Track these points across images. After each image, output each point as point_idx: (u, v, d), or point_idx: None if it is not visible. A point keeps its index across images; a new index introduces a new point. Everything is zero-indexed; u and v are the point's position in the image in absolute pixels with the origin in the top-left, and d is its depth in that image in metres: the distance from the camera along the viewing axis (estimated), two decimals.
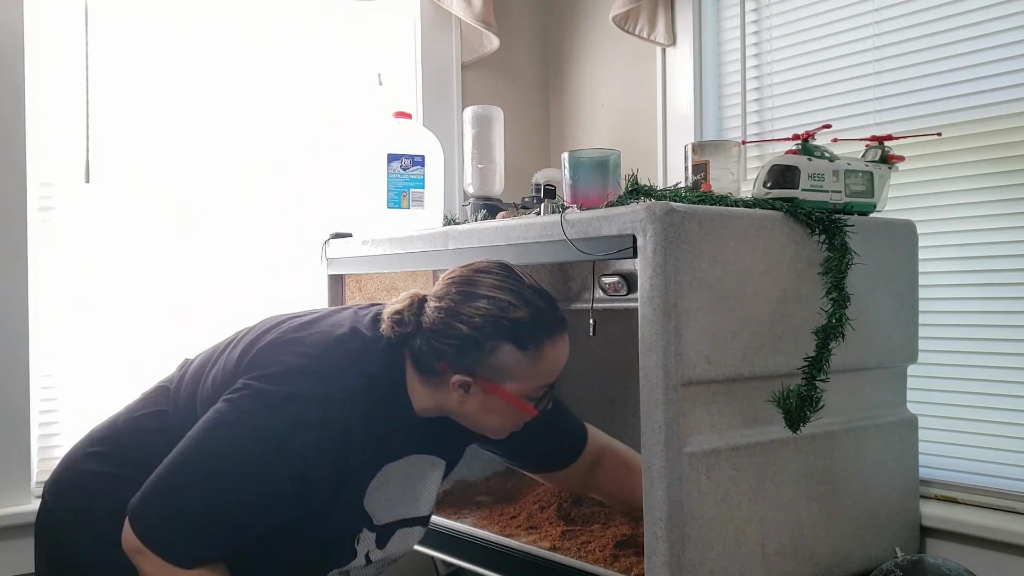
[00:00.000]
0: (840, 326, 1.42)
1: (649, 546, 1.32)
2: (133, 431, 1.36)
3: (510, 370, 1.31)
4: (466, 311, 1.30)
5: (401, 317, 1.33)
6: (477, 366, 1.31)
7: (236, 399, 1.26)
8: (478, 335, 1.29)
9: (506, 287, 1.32)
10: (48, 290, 1.96)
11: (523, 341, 1.31)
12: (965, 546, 1.67)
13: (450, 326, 1.30)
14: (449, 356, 1.30)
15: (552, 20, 2.65)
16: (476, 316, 1.29)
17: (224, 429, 1.25)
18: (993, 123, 1.71)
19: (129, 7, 2.06)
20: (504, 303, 1.30)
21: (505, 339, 1.30)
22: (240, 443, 1.24)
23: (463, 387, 1.32)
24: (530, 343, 1.31)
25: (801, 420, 1.40)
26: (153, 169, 2.08)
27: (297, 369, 1.28)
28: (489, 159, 2.11)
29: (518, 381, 1.32)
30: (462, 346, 1.30)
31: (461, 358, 1.30)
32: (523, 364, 1.32)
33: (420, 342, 1.32)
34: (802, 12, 2.03)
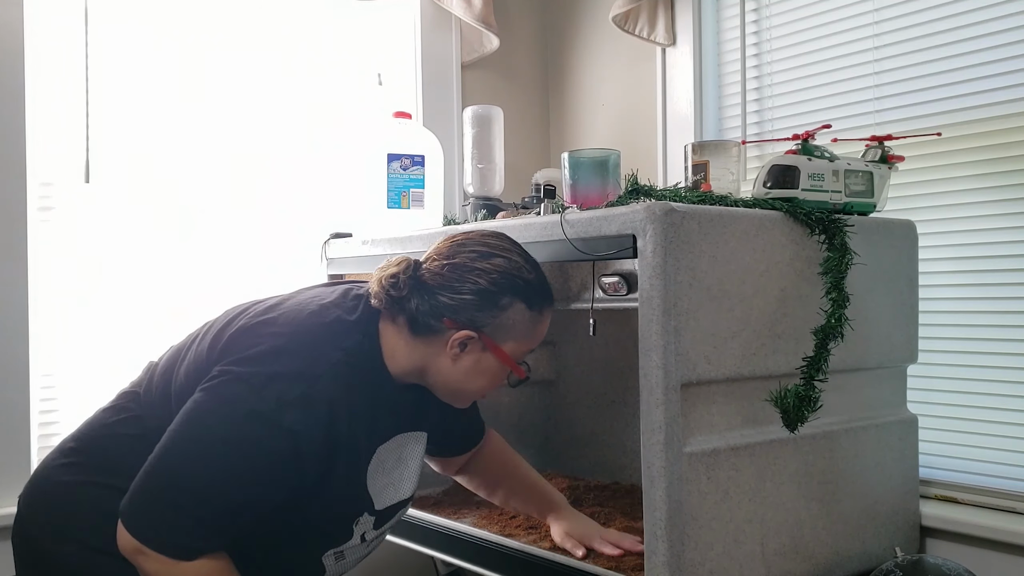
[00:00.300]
0: (839, 326, 1.42)
1: (649, 546, 1.32)
2: (109, 439, 1.35)
3: (514, 328, 1.34)
4: (482, 266, 1.32)
5: (397, 280, 1.33)
6: (486, 322, 1.32)
7: (214, 386, 1.25)
8: (495, 289, 1.31)
9: (517, 251, 1.37)
10: (48, 290, 1.96)
11: (532, 301, 1.34)
12: (965, 546, 1.67)
13: (465, 280, 1.31)
14: (457, 311, 1.31)
15: (552, 20, 2.65)
16: (495, 271, 1.31)
17: (207, 416, 1.24)
18: (993, 123, 1.71)
19: (129, 7, 2.06)
20: (518, 263, 1.34)
21: (519, 296, 1.33)
22: (226, 427, 1.23)
23: (462, 344, 1.33)
24: (536, 304, 1.35)
25: (799, 420, 1.40)
26: (153, 169, 2.08)
27: (274, 349, 1.28)
28: (489, 159, 2.11)
29: (517, 341, 1.35)
30: (476, 301, 1.31)
31: (472, 313, 1.31)
32: (526, 324, 1.35)
33: (418, 301, 1.32)
34: (802, 12, 2.03)
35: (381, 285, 1.33)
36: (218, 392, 1.25)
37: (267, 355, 1.27)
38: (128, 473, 1.26)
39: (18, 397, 1.88)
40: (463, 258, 1.33)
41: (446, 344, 1.33)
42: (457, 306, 1.31)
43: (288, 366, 1.26)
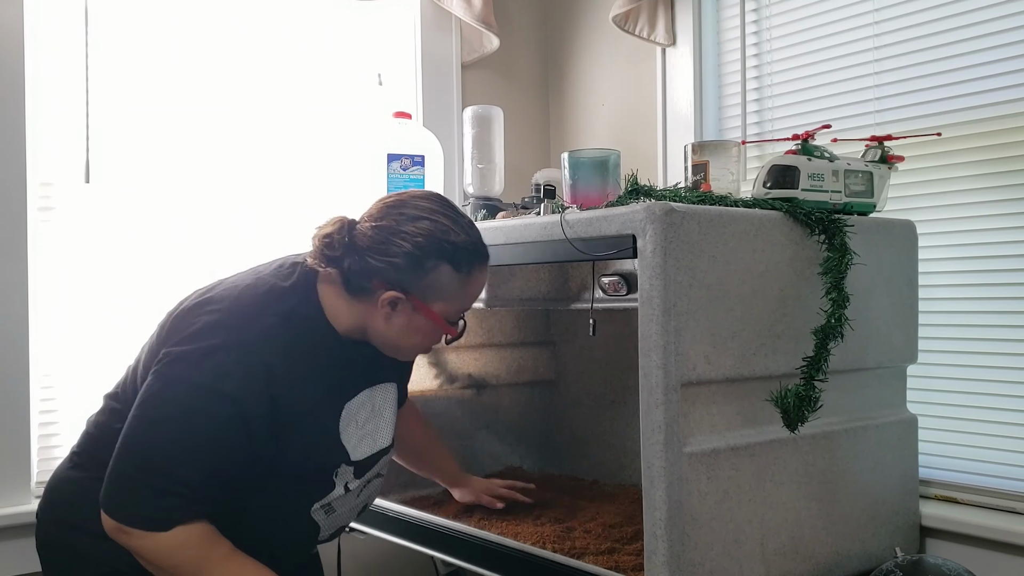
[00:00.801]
0: (839, 326, 1.42)
1: (649, 546, 1.32)
2: (104, 436, 1.39)
3: (442, 290, 1.36)
4: (408, 229, 1.34)
5: (331, 240, 1.36)
6: (413, 284, 1.35)
7: (160, 368, 1.30)
8: (419, 253, 1.34)
9: (444, 212, 1.38)
10: (48, 290, 1.96)
11: (459, 263, 1.36)
12: (965, 546, 1.67)
13: (391, 243, 1.34)
14: (385, 273, 1.34)
15: (552, 20, 2.65)
16: (418, 235, 1.34)
17: (155, 398, 1.28)
18: (993, 123, 1.71)
19: (129, 7, 2.06)
20: (444, 226, 1.35)
21: (444, 259, 1.35)
22: (173, 404, 1.28)
23: (391, 304, 1.36)
24: (464, 265, 1.37)
25: (799, 420, 1.40)
26: (153, 169, 2.08)
27: (210, 325, 1.32)
28: (489, 159, 2.11)
29: (446, 302, 1.38)
30: (401, 263, 1.34)
31: (398, 275, 1.34)
32: (455, 285, 1.37)
33: (350, 262, 1.35)
34: (802, 12, 2.03)
35: (316, 244, 1.37)
36: (162, 373, 1.29)
37: (203, 331, 1.31)
38: None
39: (18, 397, 1.88)
40: (390, 220, 1.36)
41: (378, 304, 1.36)
42: (384, 268, 1.34)
43: (223, 337, 1.30)
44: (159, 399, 1.29)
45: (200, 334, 1.31)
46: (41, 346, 1.95)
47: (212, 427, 1.27)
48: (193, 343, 1.30)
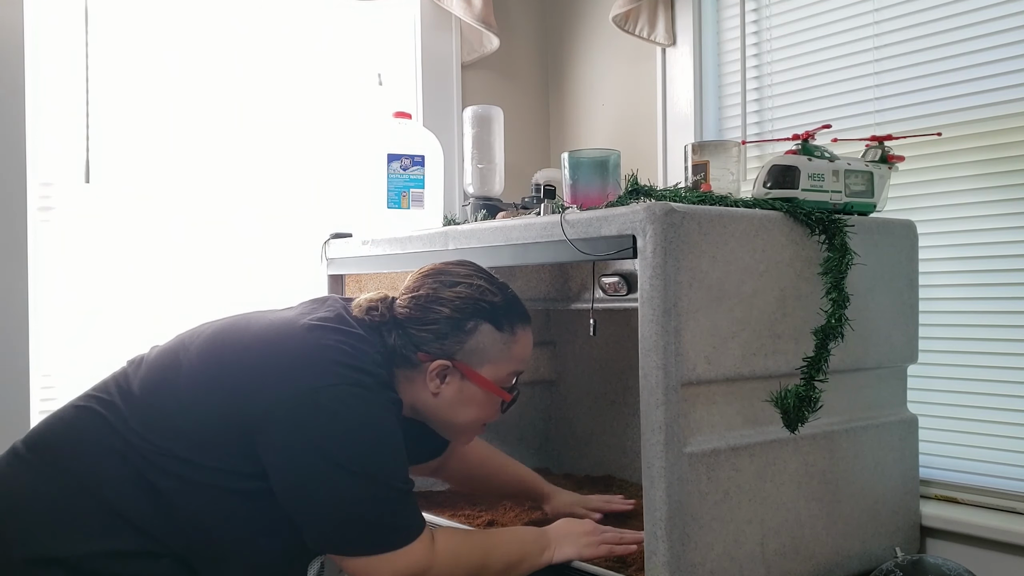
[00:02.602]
0: (839, 326, 1.42)
1: (649, 546, 1.32)
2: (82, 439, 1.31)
3: (487, 352, 1.36)
4: (446, 295, 1.36)
5: (376, 307, 1.37)
6: (457, 348, 1.35)
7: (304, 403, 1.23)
8: (459, 316, 1.35)
9: (479, 275, 1.40)
10: (48, 290, 1.96)
11: (500, 322, 1.37)
12: (965, 546, 1.67)
13: (430, 310, 1.35)
14: (428, 342, 1.35)
15: (552, 20, 2.65)
16: (456, 299, 1.35)
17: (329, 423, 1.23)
18: (993, 123, 1.71)
19: (129, 7, 2.06)
20: (481, 288, 1.38)
21: (484, 319, 1.36)
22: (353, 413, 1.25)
23: (440, 375, 1.36)
24: (506, 325, 1.38)
25: (799, 420, 1.40)
26: (153, 169, 2.08)
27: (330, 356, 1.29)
28: (489, 159, 2.10)
29: (494, 363, 1.38)
30: (442, 329, 1.34)
31: (441, 342, 1.34)
32: (499, 346, 1.37)
33: (396, 335, 1.36)
34: (802, 12, 2.03)
35: (362, 308, 1.37)
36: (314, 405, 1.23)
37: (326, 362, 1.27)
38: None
39: (18, 397, 1.88)
40: (427, 289, 1.37)
41: (426, 378, 1.36)
42: (426, 337, 1.34)
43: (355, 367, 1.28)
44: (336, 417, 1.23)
45: (329, 364, 1.26)
46: (41, 346, 1.94)
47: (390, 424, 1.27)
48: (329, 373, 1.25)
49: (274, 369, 1.26)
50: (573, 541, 1.44)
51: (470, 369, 1.36)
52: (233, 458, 1.24)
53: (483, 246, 1.59)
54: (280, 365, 1.26)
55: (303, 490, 1.23)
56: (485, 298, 1.36)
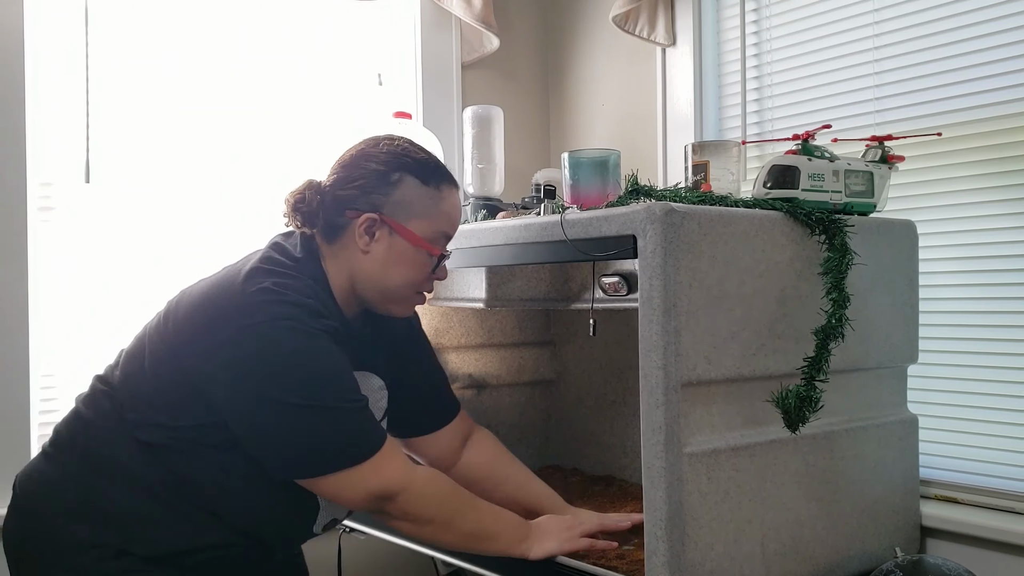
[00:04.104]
0: (840, 326, 1.42)
1: (649, 546, 1.32)
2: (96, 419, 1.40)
3: (413, 205, 1.39)
4: (371, 151, 1.41)
5: (303, 196, 1.40)
6: (383, 201, 1.38)
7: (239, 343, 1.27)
8: (384, 168, 1.39)
9: (405, 140, 1.45)
10: (48, 290, 1.96)
11: (426, 177, 1.41)
12: (965, 546, 1.67)
13: (356, 167, 1.40)
14: (355, 199, 1.38)
15: (552, 20, 2.65)
16: (381, 154, 1.40)
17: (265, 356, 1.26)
18: (993, 123, 1.71)
19: (129, 7, 2.06)
20: (405, 146, 1.43)
21: (408, 172, 1.40)
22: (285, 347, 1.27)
23: (369, 231, 1.38)
24: (431, 180, 1.41)
25: (800, 420, 1.40)
26: (153, 169, 2.08)
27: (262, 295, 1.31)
28: (489, 159, 2.10)
29: (421, 219, 1.40)
30: (368, 184, 1.38)
31: (368, 196, 1.38)
32: (425, 200, 1.40)
33: (324, 209, 1.39)
34: (802, 12, 2.03)
35: (289, 204, 1.40)
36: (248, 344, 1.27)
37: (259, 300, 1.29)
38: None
39: (18, 397, 1.88)
40: (354, 151, 1.42)
41: (355, 238, 1.38)
42: (353, 194, 1.38)
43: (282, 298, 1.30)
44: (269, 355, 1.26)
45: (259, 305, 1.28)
46: (41, 346, 1.95)
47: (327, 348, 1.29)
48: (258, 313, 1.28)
49: (210, 322, 1.30)
50: (554, 536, 1.45)
51: (397, 223, 1.38)
52: (199, 414, 1.30)
53: (483, 246, 1.59)
54: (215, 317, 1.30)
55: (256, 428, 1.28)
56: (409, 154, 1.41)
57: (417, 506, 1.34)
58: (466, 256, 1.64)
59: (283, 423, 1.27)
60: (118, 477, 1.33)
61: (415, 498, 1.34)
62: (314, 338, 1.28)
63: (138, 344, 1.40)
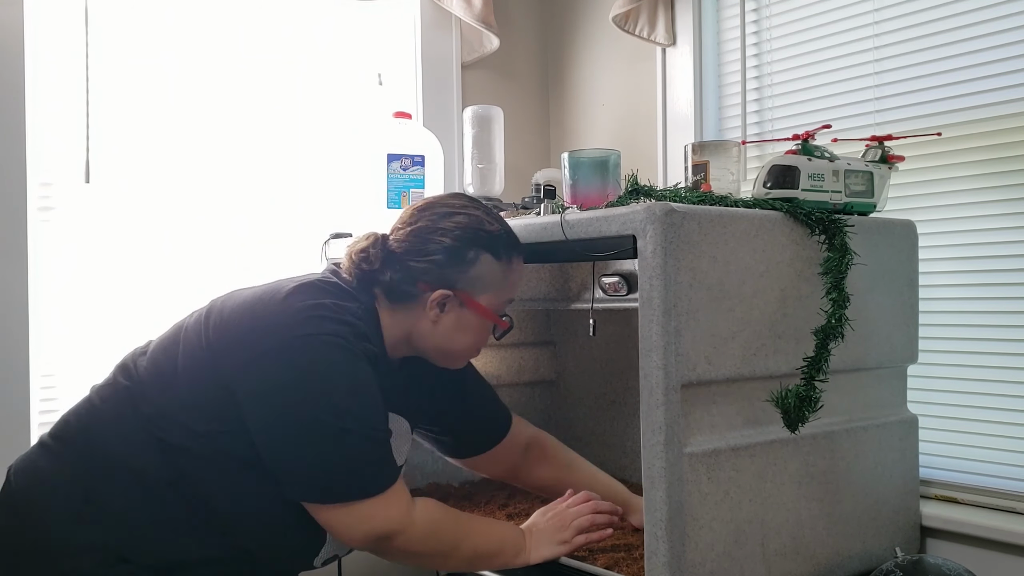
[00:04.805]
0: (840, 326, 1.42)
1: (649, 547, 1.32)
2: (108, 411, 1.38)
3: (486, 280, 1.39)
4: (445, 225, 1.38)
5: (367, 254, 1.37)
6: (458, 278, 1.37)
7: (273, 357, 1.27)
8: (459, 245, 1.37)
9: (475, 206, 1.43)
10: (48, 290, 1.96)
11: (499, 251, 1.40)
12: (965, 546, 1.67)
13: (429, 241, 1.37)
14: (430, 273, 1.37)
15: (552, 20, 2.65)
16: (456, 229, 1.37)
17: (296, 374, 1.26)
18: (993, 123, 1.71)
19: (129, 7, 2.06)
20: (479, 218, 1.40)
21: (484, 248, 1.39)
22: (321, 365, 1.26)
23: (440, 305, 1.38)
24: (504, 254, 1.41)
25: (800, 420, 1.40)
26: (153, 169, 2.08)
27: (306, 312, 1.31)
28: (489, 159, 2.10)
29: (492, 292, 1.41)
30: (443, 259, 1.36)
31: (442, 272, 1.37)
32: (498, 274, 1.40)
33: (391, 272, 1.37)
34: (802, 12, 2.03)
35: (352, 260, 1.37)
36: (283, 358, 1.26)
37: (301, 319, 1.28)
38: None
39: (18, 397, 1.88)
40: (426, 221, 1.38)
41: (425, 308, 1.37)
42: (428, 268, 1.36)
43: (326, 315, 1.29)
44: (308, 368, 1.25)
45: (306, 320, 1.27)
46: (41, 346, 1.94)
47: (363, 373, 1.28)
48: (304, 326, 1.27)
49: (251, 330, 1.30)
50: (548, 540, 1.45)
51: (470, 298, 1.38)
52: (227, 421, 1.28)
53: None
54: (256, 326, 1.30)
55: (278, 440, 1.26)
56: (484, 227, 1.39)
57: (416, 545, 1.33)
58: None
59: (306, 438, 1.25)
60: (125, 476, 1.29)
61: (414, 538, 1.32)
62: (355, 359, 1.28)
63: (172, 339, 1.37)
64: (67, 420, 1.38)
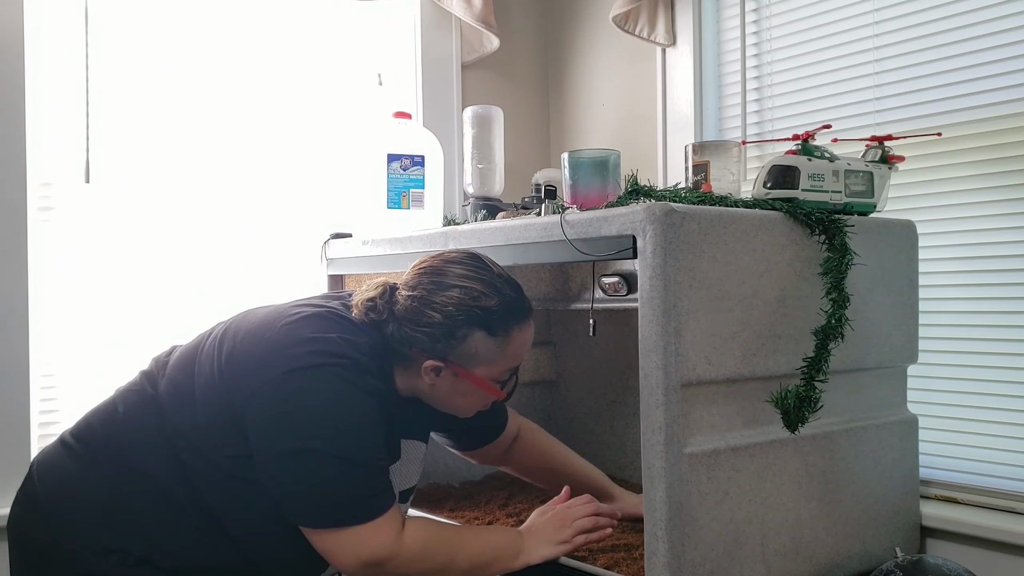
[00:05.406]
0: (839, 326, 1.42)
1: (649, 547, 1.32)
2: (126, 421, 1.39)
3: (480, 355, 1.37)
4: (438, 299, 1.35)
5: (374, 304, 1.38)
6: (449, 352, 1.36)
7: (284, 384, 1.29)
8: (450, 323, 1.35)
9: (476, 276, 1.38)
10: (48, 290, 1.96)
11: (493, 327, 1.36)
12: (965, 546, 1.67)
13: (423, 314, 1.35)
14: (422, 343, 1.36)
15: (552, 20, 2.65)
16: (448, 304, 1.35)
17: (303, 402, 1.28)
18: (993, 123, 1.71)
19: (129, 7, 2.06)
20: (475, 292, 1.36)
21: (476, 326, 1.35)
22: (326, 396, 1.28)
23: (434, 371, 1.37)
24: (499, 329, 1.37)
25: (799, 420, 1.40)
26: (153, 169, 2.08)
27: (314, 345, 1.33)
28: (489, 159, 2.10)
29: (487, 365, 1.38)
30: (434, 333, 1.35)
31: (433, 344, 1.35)
32: (492, 349, 1.37)
33: (393, 329, 1.37)
34: (802, 12, 2.03)
35: (359, 307, 1.38)
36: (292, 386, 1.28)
37: (309, 351, 1.30)
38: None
39: (18, 397, 1.88)
40: (422, 290, 1.37)
41: (421, 371, 1.38)
42: (420, 338, 1.36)
43: (337, 352, 1.31)
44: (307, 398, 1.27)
45: (310, 353, 1.30)
46: (41, 346, 1.95)
47: (362, 405, 1.29)
48: (307, 358, 1.29)
49: (258, 358, 1.32)
50: (547, 540, 1.45)
51: (463, 370, 1.38)
52: (239, 446, 1.30)
53: (483, 246, 1.59)
54: (263, 354, 1.32)
55: (274, 466, 1.28)
56: (478, 303, 1.35)
57: (409, 567, 1.33)
58: None
59: (302, 465, 1.27)
60: (149, 488, 1.32)
61: (405, 561, 1.32)
62: (355, 392, 1.29)
63: (191, 358, 1.39)
64: (91, 424, 1.40)
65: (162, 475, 1.32)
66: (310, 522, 1.29)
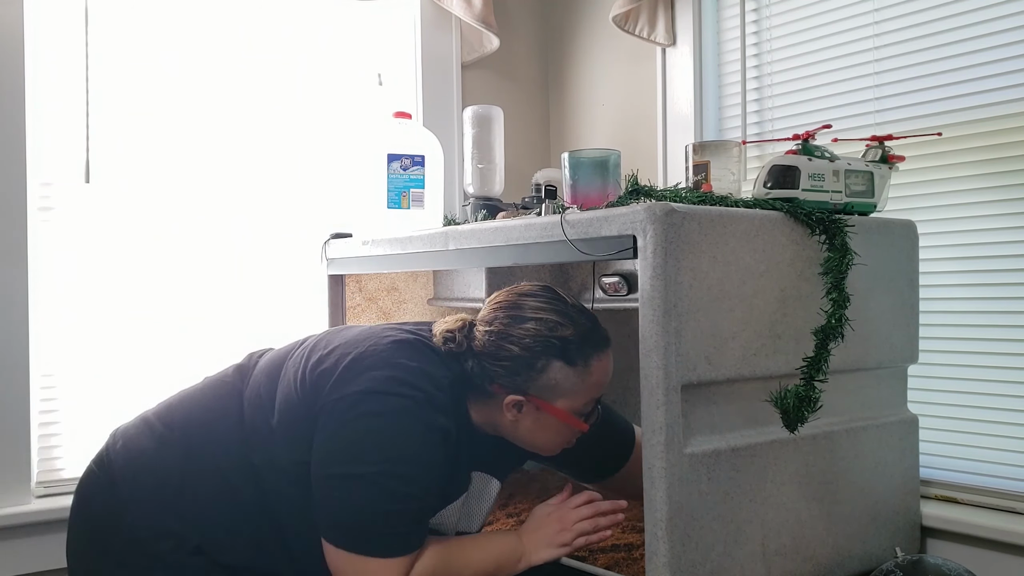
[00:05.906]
0: (840, 326, 1.42)
1: (650, 547, 1.32)
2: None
3: (560, 387, 1.36)
4: (516, 333, 1.35)
5: (453, 336, 1.38)
6: (529, 385, 1.35)
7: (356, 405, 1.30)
8: (529, 355, 1.35)
9: (551, 308, 1.38)
10: (48, 290, 1.96)
11: (572, 357, 1.36)
12: (965, 546, 1.67)
13: (501, 348, 1.35)
14: (501, 378, 1.36)
15: (552, 20, 2.65)
16: (526, 337, 1.35)
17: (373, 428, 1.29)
18: (993, 123, 1.71)
19: (129, 7, 2.06)
20: (552, 323, 1.36)
21: (555, 357, 1.35)
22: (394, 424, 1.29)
23: (516, 407, 1.37)
24: (578, 359, 1.36)
25: (799, 420, 1.40)
26: (153, 169, 2.08)
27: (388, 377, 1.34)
28: (489, 159, 2.10)
29: (568, 397, 1.37)
30: (514, 367, 1.35)
31: (513, 378, 1.35)
32: (572, 380, 1.36)
33: (472, 364, 1.37)
34: (802, 12, 2.03)
35: (439, 338, 1.40)
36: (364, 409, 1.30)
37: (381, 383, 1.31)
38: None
39: (18, 397, 1.88)
40: (499, 324, 1.37)
41: (502, 407, 1.37)
42: (499, 372, 1.36)
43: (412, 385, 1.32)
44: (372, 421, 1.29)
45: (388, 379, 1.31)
46: (41, 346, 1.95)
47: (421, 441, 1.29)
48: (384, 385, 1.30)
49: (340, 373, 1.34)
50: (548, 542, 1.44)
51: (545, 403, 1.37)
52: (305, 452, 1.32)
53: (483, 246, 1.59)
54: (345, 370, 1.34)
55: (322, 475, 1.30)
56: (555, 334, 1.35)
57: None
58: (466, 256, 1.64)
59: (345, 484, 1.28)
60: (218, 483, 1.35)
61: None
62: (418, 425, 1.29)
63: (278, 365, 1.42)
64: (172, 407, 1.43)
65: (232, 472, 1.35)
66: (329, 536, 1.30)
